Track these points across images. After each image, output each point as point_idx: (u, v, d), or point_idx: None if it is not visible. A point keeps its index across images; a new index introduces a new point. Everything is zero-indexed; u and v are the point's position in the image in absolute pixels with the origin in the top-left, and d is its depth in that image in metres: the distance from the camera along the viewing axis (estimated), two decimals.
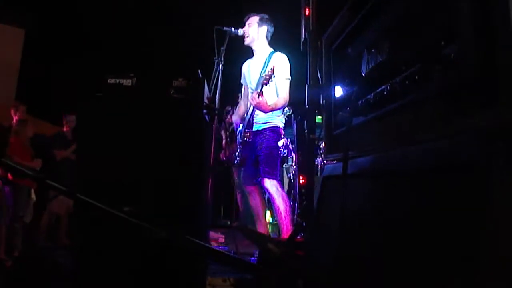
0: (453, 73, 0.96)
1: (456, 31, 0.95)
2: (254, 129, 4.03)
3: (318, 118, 3.85)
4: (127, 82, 2.48)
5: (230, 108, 5.95)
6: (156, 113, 2.41)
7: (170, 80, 2.43)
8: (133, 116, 2.41)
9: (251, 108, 4.02)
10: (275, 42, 4.20)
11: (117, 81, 2.47)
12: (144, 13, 7.45)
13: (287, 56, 4.10)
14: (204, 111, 2.56)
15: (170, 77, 2.44)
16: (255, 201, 4.19)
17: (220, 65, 3.79)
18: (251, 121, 4.03)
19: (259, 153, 3.94)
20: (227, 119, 4.94)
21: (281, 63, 4.01)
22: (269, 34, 4.23)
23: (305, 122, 4.36)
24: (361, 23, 1.58)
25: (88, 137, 2.47)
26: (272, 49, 4.20)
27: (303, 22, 4.83)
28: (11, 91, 8.27)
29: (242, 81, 4.46)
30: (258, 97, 3.80)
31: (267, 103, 3.85)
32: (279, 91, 3.99)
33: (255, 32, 4.12)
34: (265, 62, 4.04)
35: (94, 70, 2.66)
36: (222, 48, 3.85)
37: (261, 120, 4.03)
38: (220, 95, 3.72)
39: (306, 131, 4.31)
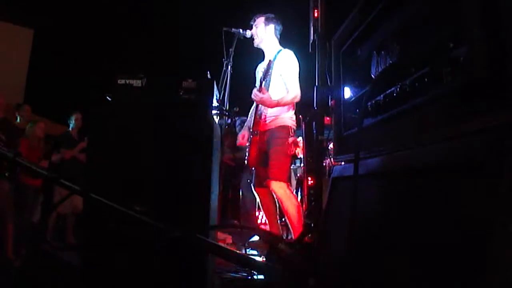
0: (463, 74, 0.97)
1: (465, 34, 0.96)
2: (263, 125, 3.90)
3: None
4: (137, 82, 2.50)
5: (238, 109, 5.93)
6: (166, 114, 2.43)
7: (180, 81, 2.45)
8: (143, 116, 2.43)
9: (254, 104, 3.94)
10: (283, 44, 4.15)
11: (127, 81, 2.49)
12: (153, 15, 7.49)
13: (294, 52, 3.96)
14: (213, 111, 2.58)
15: (180, 78, 2.46)
16: (265, 203, 4.07)
17: (229, 67, 3.79)
18: (258, 117, 3.90)
19: (267, 154, 3.82)
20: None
21: (287, 59, 3.89)
22: (278, 32, 4.10)
23: (314, 123, 4.32)
24: (371, 26, 1.60)
25: (98, 137, 2.49)
26: (280, 47, 4.06)
27: (311, 23, 4.85)
28: (21, 91, 8.34)
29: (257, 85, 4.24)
30: (259, 92, 3.72)
31: (270, 98, 3.73)
32: (288, 87, 3.83)
33: (263, 32, 4.01)
34: (272, 60, 3.89)
35: (104, 71, 2.69)
36: (230, 49, 3.85)
37: (270, 113, 3.89)
38: (229, 96, 3.73)
39: (314, 132, 4.27)
